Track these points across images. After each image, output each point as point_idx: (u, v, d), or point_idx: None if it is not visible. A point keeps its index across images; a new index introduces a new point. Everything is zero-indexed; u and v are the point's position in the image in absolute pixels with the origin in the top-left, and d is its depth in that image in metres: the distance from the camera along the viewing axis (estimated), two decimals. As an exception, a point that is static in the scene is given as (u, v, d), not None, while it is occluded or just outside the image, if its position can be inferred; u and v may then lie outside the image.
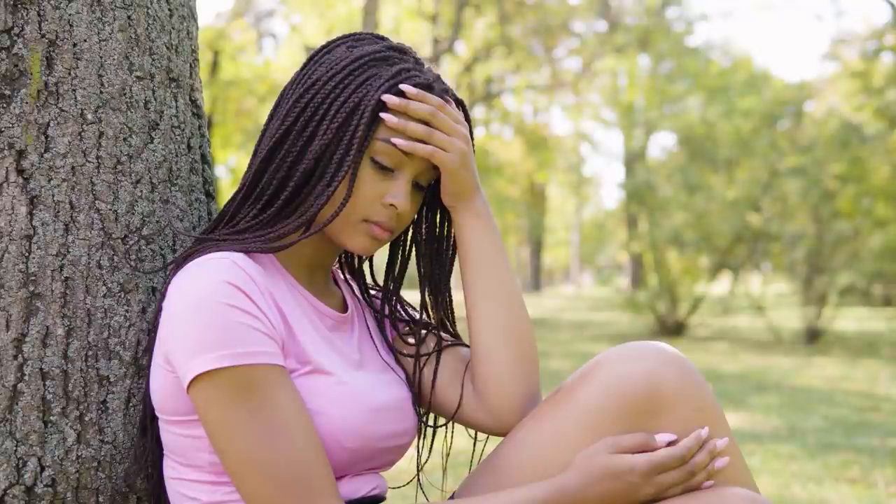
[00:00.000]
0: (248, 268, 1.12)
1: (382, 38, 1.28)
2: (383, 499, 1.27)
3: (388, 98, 1.19)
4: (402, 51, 1.26)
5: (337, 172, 1.18)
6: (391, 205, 1.21)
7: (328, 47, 1.26)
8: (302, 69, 1.25)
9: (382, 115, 1.19)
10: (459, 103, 1.30)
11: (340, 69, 1.21)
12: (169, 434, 1.17)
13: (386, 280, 1.40)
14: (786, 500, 3.10)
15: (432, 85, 1.24)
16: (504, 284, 1.30)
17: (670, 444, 1.17)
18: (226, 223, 1.24)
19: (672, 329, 11.26)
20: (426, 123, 1.22)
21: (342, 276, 1.43)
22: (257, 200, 1.22)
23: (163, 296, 1.16)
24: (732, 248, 10.96)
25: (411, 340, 1.36)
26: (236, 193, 1.24)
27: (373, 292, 1.44)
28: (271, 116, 1.25)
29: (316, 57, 1.25)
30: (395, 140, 1.20)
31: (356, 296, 1.40)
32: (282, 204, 1.20)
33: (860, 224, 10.34)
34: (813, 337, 10.28)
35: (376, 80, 1.20)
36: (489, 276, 1.30)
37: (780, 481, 3.37)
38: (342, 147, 1.18)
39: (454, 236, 1.34)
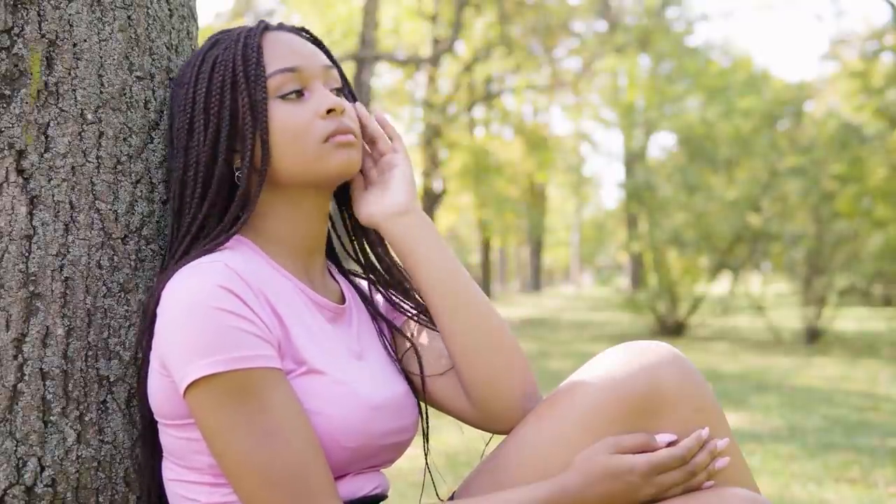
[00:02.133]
0: (241, 270, 1.11)
1: None
2: (385, 497, 1.27)
3: None
4: (224, 31, 1.27)
5: (258, 135, 1.19)
6: (329, 111, 1.21)
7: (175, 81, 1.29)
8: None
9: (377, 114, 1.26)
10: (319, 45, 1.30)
11: (183, 78, 1.24)
12: (167, 436, 1.17)
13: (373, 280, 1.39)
14: (786, 500, 3.10)
15: (282, 23, 1.26)
16: (470, 290, 1.27)
17: (671, 444, 1.17)
18: (192, 238, 1.21)
19: (672, 329, 11.25)
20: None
21: (339, 270, 1.41)
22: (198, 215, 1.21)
23: (156, 301, 1.14)
24: (732, 248, 10.95)
25: (407, 334, 1.35)
26: (173, 221, 1.23)
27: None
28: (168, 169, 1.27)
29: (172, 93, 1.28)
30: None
31: (354, 287, 1.39)
32: (221, 209, 1.22)
33: (860, 224, 10.34)
34: (813, 337, 10.27)
35: (228, 52, 1.21)
36: (455, 289, 1.27)
37: (780, 481, 3.37)
38: (247, 117, 1.19)
39: (401, 250, 1.29)
